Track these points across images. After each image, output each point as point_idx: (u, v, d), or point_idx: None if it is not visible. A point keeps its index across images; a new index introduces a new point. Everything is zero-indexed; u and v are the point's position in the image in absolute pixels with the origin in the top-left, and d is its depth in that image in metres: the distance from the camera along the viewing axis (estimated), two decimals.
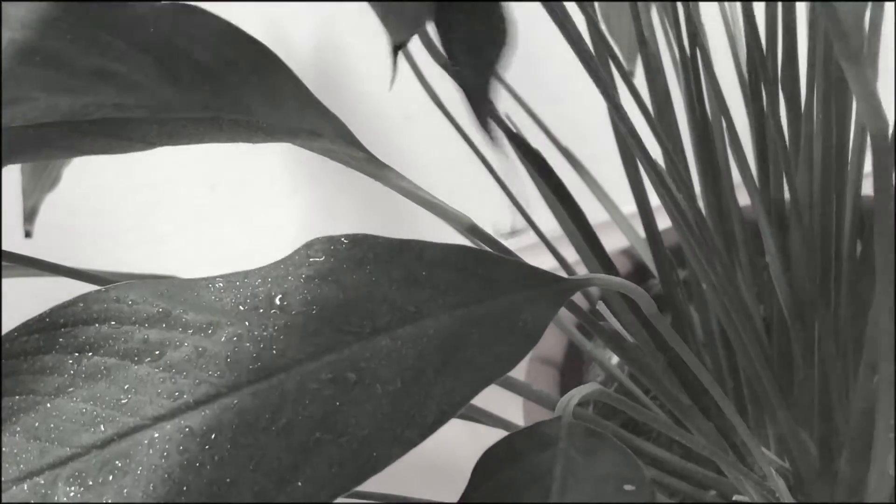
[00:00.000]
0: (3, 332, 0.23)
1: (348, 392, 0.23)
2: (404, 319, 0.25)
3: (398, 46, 0.25)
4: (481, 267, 0.26)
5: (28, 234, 0.40)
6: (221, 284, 0.24)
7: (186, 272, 0.47)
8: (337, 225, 0.85)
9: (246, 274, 0.24)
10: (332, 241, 0.25)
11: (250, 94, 0.30)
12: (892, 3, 0.45)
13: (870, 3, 0.39)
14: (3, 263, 0.35)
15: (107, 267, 0.73)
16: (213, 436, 0.22)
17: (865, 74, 0.21)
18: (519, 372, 0.57)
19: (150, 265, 0.77)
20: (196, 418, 0.22)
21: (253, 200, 0.81)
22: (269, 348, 0.23)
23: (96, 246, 0.76)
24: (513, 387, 0.43)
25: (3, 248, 0.33)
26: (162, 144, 0.29)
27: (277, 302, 0.24)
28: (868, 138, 0.43)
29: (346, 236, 0.26)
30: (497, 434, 0.42)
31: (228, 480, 0.21)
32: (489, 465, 0.27)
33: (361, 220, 0.86)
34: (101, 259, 0.76)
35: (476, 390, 0.24)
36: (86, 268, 0.38)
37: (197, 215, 0.79)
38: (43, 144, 0.29)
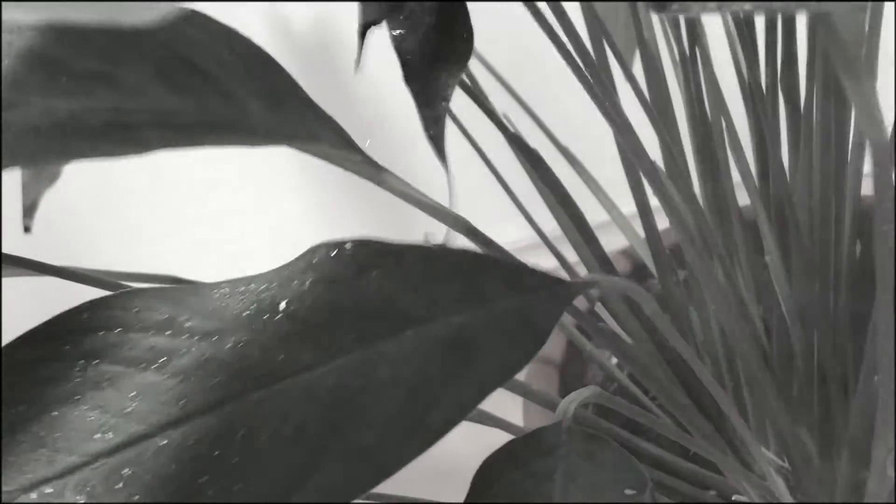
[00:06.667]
0: (3, 331, 0.23)
1: (355, 398, 0.23)
2: (410, 324, 0.25)
3: (367, 25, 0.25)
4: (485, 270, 0.26)
5: (27, 229, 0.40)
6: (226, 290, 0.24)
7: (186, 272, 0.47)
8: (338, 224, 0.84)
9: (250, 279, 0.24)
10: (336, 245, 0.25)
11: (248, 97, 0.29)
12: (892, 4, 0.45)
13: (869, 4, 0.39)
14: (3, 264, 0.35)
15: (107, 267, 0.73)
16: (221, 443, 0.22)
17: (864, 87, 0.21)
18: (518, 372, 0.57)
19: (151, 265, 0.77)
20: (204, 426, 0.22)
21: (253, 200, 0.80)
22: (275, 354, 0.23)
23: (96, 246, 0.76)
24: (512, 386, 0.43)
25: (3, 247, 0.33)
26: (160, 148, 0.28)
27: (282, 307, 0.24)
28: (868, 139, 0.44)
29: (351, 241, 0.26)
30: (496, 434, 0.42)
31: (237, 488, 0.21)
32: (491, 470, 0.27)
33: (362, 219, 0.85)
34: (100, 259, 0.76)
35: (484, 394, 0.24)
36: (86, 268, 0.38)
37: (197, 215, 0.78)
38: (41, 149, 0.28)
